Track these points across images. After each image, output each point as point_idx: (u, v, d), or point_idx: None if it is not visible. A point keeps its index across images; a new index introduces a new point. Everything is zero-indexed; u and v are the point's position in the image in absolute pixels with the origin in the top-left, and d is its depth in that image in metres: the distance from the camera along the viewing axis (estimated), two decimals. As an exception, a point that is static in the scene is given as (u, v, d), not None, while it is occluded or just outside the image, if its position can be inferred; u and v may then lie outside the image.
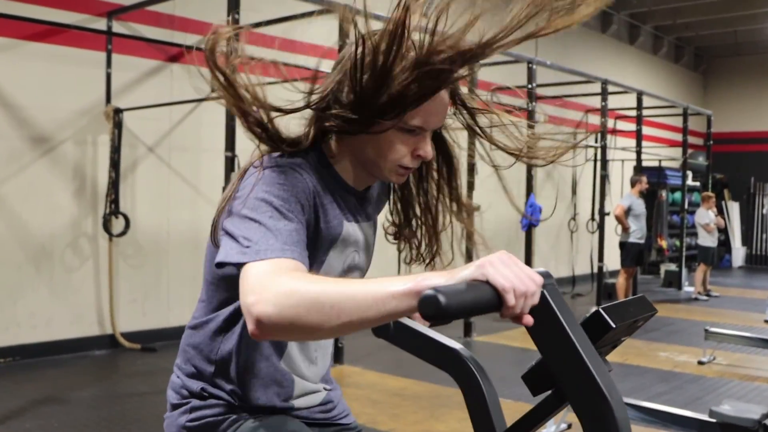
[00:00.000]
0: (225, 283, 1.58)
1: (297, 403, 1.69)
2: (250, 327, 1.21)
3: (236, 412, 1.63)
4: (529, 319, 1.19)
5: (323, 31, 1.39)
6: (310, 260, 1.42)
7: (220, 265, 1.35)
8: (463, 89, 1.61)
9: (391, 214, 1.79)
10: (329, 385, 1.79)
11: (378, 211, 1.79)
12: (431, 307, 1.06)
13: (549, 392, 1.33)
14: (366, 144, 1.54)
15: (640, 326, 1.39)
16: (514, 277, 1.16)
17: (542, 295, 1.19)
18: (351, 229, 1.62)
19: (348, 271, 1.65)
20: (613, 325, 1.23)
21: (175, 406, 1.67)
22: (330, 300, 1.18)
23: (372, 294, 1.17)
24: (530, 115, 8.61)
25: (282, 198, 1.40)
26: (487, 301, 1.13)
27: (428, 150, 1.55)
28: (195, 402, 1.64)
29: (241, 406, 1.63)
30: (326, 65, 1.56)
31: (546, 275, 1.21)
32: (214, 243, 1.51)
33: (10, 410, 5.23)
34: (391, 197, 1.79)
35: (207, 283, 1.64)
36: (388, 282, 1.18)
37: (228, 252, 1.33)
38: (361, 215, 1.67)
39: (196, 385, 1.65)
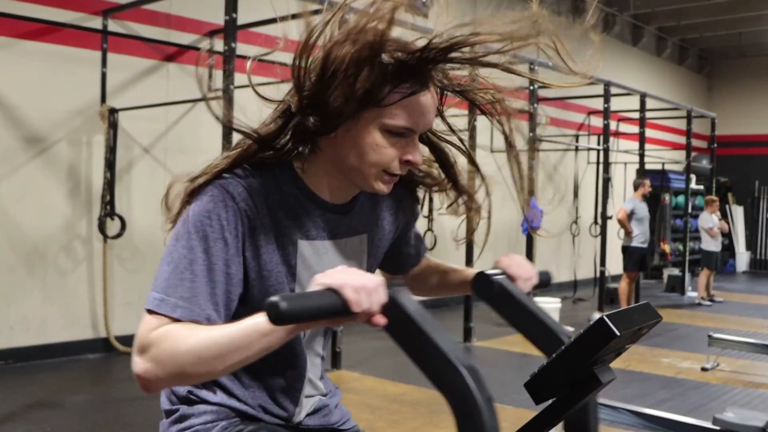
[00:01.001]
0: None
1: (298, 416, 1.68)
2: (139, 382, 1.35)
3: (226, 418, 1.61)
4: (380, 319, 1.23)
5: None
6: (262, 289, 1.47)
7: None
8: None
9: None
10: (324, 393, 1.77)
11: (378, 220, 1.71)
12: (272, 312, 1.14)
13: (552, 400, 1.33)
14: (348, 150, 1.46)
15: (644, 333, 1.39)
16: (347, 276, 1.22)
17: (391, 296, 1.24)
18: (321, 247, 1.55)
19: None
20: (618, 333, 1.22)
21: (167, 413, 1.67)
22: (209, 352, 1.28)
23: (246, 336, 1.26)
24: (531, 117, 8.62)
25: (204, 242, 1.40)
26: (330, 302, 1.20)
27: (417, 156, 1.48)
28: (184, 409, 1.63)
29: (230, 412, 1.62)
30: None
31: (396, 283, 1.27)
32: None
33: (2, 415, 5.22)
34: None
35: None
36: (256, 321, 1.25)
37: (147, 297, 1.40)
38: (341, 231, 1.59)
39: (183, 390, 1.64)
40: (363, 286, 1.21)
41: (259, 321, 1.25)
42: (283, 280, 1.51)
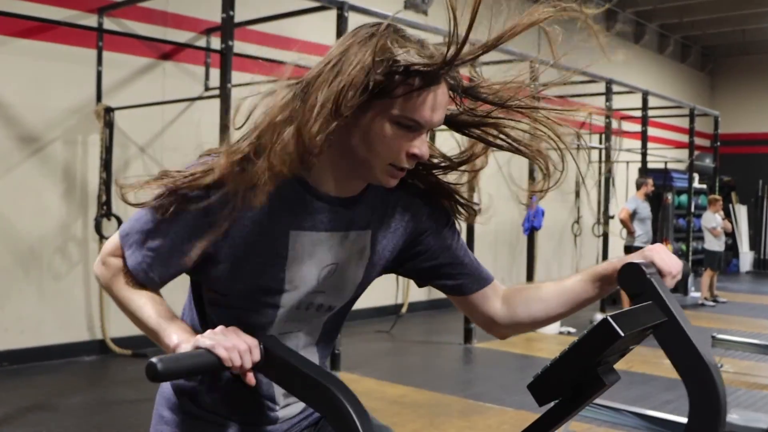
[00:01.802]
0: (200, 286, 1.64)
1: (282, 414, 1.67)
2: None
3: (221, 423, 1.63)
4: (251, 379, 1.41)
5: (320, 29, 1.37)
6: (243, 273, 1.54)
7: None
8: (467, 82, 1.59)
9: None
10: None
11: (388, 218, 1.67)
12: (150, 373, 1.28)
13: (555, 402, 1.32)
14: (357, 140, 1.46)
15: (648, 334, 1.38)
16: (220, 337, 1.38)
17: (264, 347, 1.41)
18: (309, 238, 1.54)
19: (324, 282, 1.59)
20: (622, 334, 1.22)
21: (161, 416, 1.68)
22: (128, 311, 1.58)
23: (153, 328, 1.51)
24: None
25: (180, 212, 1.48)
26: (205, 360, 1.36)
27: (424, 149, 1.48)
28: (180, 410, 1.65)
29: (224, 416, 1.63)
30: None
31: (266, 338, 1.45)
32: None
33: (-3, 418, 5.22)
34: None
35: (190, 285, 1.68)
36: (166, 329, 1.48)
37: (125, 225, 1.59)
38: (341, 224, 1.58)
39: (180, 391, 1.66)
40: (234, 346, 1.37)
41: (167, 331, 1.47)
42: (269, 268, 1.53)
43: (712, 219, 12.07)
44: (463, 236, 1.81)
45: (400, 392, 6.10)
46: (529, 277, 9.47)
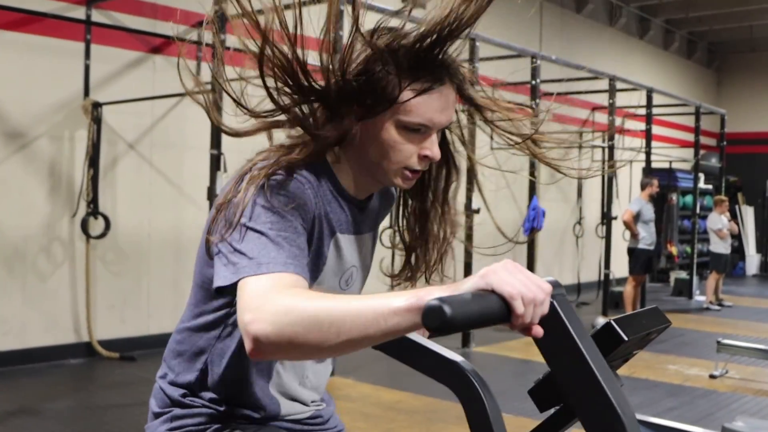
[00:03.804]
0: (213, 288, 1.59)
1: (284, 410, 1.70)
2: (248, 346, 1.23)
3: (220, 421, 1.63)
4: (539, 330, 1.19)
5: (316, 23, 1.38)
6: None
7: (220, 290, 1.37)
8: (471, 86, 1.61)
9: (397, 221, 1.77)
10: (320, 402, 1.78)
11: (378, 222, 1.78)
12: (436, 319, 1.06)
13: (556, 408, 1.33)
14: (369, 146, 1.53)
15: (652, 339, 1.39)
16: (520, 284, 1.16)
17: (552, 306, 1.19)
18: (347, 241, 1.61)
19: (346, 285, 1.65)
20: (626, 338, 1.22)
21: (156, 415, 1.68)
22: (329, 318, 1.20)
23: (373, 310, 1.18)
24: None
25: (284, 209, 1.41)
26: (494, 310, 1.13)
27: (435, 150, 1.54)
28: (177, 410, 1.65)
29: (225, 415, 1.63)
30: (316, 57, 1.55)
31: (555, 284, 1.21)
32: (209, 254, 1.51)
33: (-20, 422, 5.21)
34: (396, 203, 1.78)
35: (196, 285, 1.65)
36: (390, 297, 1.19)
37: (224, 274, 1.36)
38: (360, 226, 1.66)
39: (177, 392, 1.65)
40: (534, 298, 1.17)
41: (392, 299, 1.19)
42: (319, 269, 1.57)
43: (718, 220, 12.08)
44: (462, 237, 1.82)
45: (396, 398, 6.10)
46: (530, 279, 9.46)
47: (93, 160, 7.01)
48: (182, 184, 7.87)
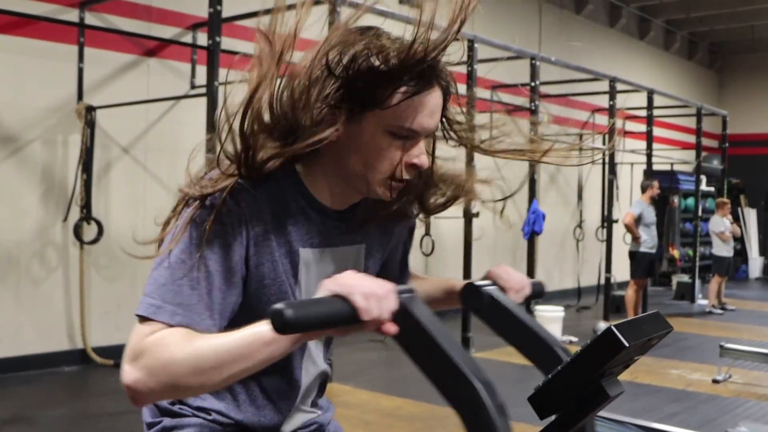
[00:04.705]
0: None
1: (285, 428, 1.68)
2: (126, 392, 1.34)
3: (210, 431, 1.62)
4: (390, 327, 1.23)
5: (312, 24, 1.37)
6: (264, 298, 1.48)
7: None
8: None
9: None
10: (317, 409, 1.77)
11: (386, 231, 1.72)
12: (277, 321, 1.13)
13: (557, 415, 1.33)
14: (351, 154, 1.47)
15: (654, 344, 1.39)
16: (356, 282, 1.22)
17: (401, 304, 1.24)
18: (317, 255, 1.56)
19: None
20: (627, 344, 1.22)
21: (149, 425, 1.67)
22: (208, 362, 1.27)
23: (247, 346, 1.26)
24: (533, 114, 8.63)
25: (205, 247, 1.40)
26: (338, 309, 1.20)
27: (424, 159, 1.48)
28: (167, 421, 1.64)
29: (215, 424, 1.62)
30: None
31: (406, 290, 1.27)
32: None
33: (-28, 431, 5.21)
34: None
35: None
36: (258, 330, 1.25)
37: (140, 302, 1.40)
38: (339, 238, 1.60)
39: (167, 401, 1.64)
40: (373, 292, 1.21)
41: (261, 330, 1.24)
42: (287, 289, 1.52)
43: (720, 223, 12.09)
44: (461, 241, 1.82)
45: (395, 404, 6.10)
46: (530, 283, 9.47)
47: (86, 164, 7.00)
48: (177, 189, 7.84)
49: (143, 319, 1.37)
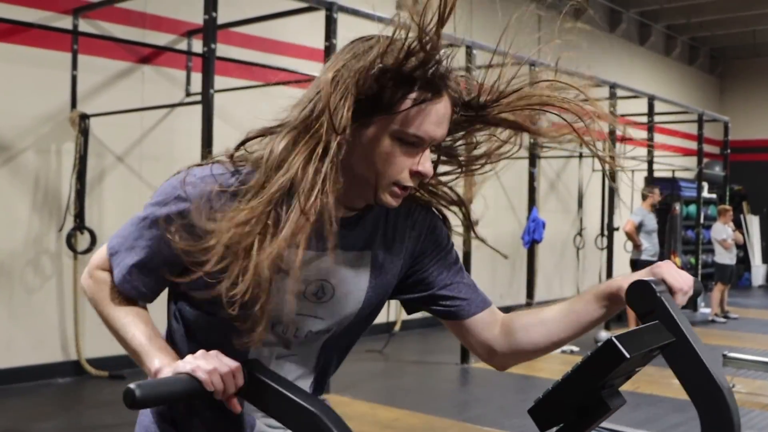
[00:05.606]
0: (172, 296, 1.64)
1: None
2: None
3: None
4: (235, 405, 1.43)
5: (308, 30, 1.36)
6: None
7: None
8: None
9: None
10: None
11: (395, 238, 1.67)
12: (129, 398, 1.29)
13: (557, 427, 1.32)
14: (357, 159, 1.47)
15: (655, 355, 1.38)
16: (199, 361, 1.39)
17: (249, 373, 1.43)
18: (312, 257, 1.53)
19: (315, 298, 1.58)
20: (628, 355, 1.22)
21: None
22: (112, 329, 1.58)
23: (136, 348, 1.51)
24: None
25: (159, 225, 1.54)
26: (186, 385, 1.38)
27: (428, 166, 1.48)
28: None
29: None
30: (310, 67, 1.54)
31: (251, 362, 1.46)
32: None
33: (-36, 444, 5.19)
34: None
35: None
36: (149, 352, 1.49)
37: (112, 238, 1.67)
38: (338, 243, 1.54)
39: (147, 419, 1.69)
40: (215, 369, 1.38)
41: (152, 354, 1.48)
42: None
43: (723, 230, 12.10)
44: (459, 250, 1.79)
45: (393, 416, 6.08)
46: (529, 292, 9.47)
47: (80, 173, 7.00)
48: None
49: (109, 253, 1.63)
